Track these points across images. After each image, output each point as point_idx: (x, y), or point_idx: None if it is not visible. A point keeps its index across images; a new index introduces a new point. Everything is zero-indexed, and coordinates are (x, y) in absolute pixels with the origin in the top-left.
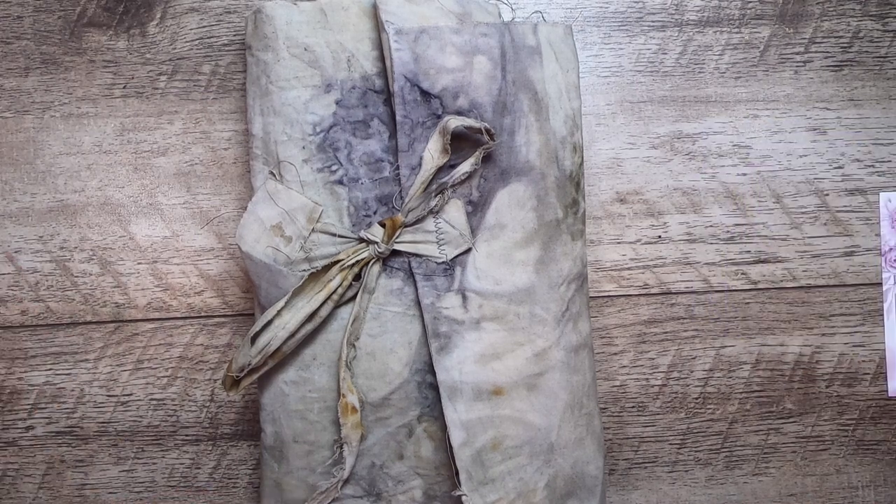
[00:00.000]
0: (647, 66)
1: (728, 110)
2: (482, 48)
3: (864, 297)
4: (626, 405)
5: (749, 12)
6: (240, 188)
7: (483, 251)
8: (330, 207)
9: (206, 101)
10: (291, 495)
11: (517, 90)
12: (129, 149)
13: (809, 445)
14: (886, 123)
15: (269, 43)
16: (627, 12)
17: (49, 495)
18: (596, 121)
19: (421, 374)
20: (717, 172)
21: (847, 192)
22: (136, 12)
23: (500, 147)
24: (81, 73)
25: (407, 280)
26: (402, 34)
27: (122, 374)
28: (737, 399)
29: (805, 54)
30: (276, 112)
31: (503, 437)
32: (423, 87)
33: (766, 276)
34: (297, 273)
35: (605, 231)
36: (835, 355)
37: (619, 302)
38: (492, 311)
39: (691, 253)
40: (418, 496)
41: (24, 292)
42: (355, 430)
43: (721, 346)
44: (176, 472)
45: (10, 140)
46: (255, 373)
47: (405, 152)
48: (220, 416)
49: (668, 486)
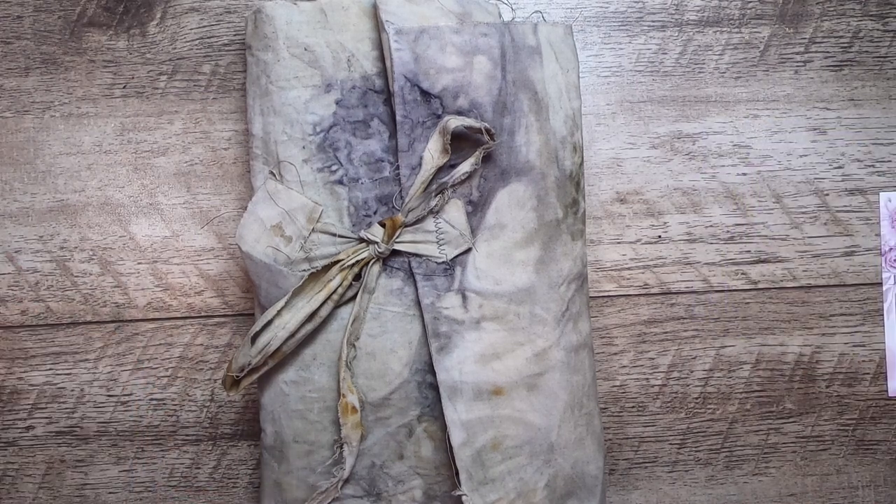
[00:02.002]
0: (647, 66)
1: (728, 110)
2: (482, 48)
3: (864, 297)
4: (626, 405)
5: (749, 12)
6: (240, 188)
7: (483, 251)
8: (330, 207)
9: (206, 101)
10: (291, 495)
11: (517, 90)
12: (129, 149)
13: (809, 445)
14: (886, 123)
15: (269, 43)
16: (627, 12)
17: (49, 495)
18: (596, 121)
19: (421, 374)
20: (717, 172)
21: (847, 192)
22: (136, 12)
23: (500, 147)
24: (81, 73)
25: (407, 280)
26: (402, 34)
27: (122, 374)
28: (737, 399)
29: (805, 54)
30: (276, 112)
31: (503, 437)
32: (423, 87)
33: (766, 276)
34: (297, 273)
35: (605, 231)
36: (835, 355)
37: (619, 302)
38: (492, 311)
39: (691, 253)
40: (418, 496)
41: (24, 292)
42: (355, 430)
43: (721, 346)
44: (176, 472)
45: (10, 140)
46: (255, 373)
47: (405, 152)
48: (220, 416)
49: (668, 486)
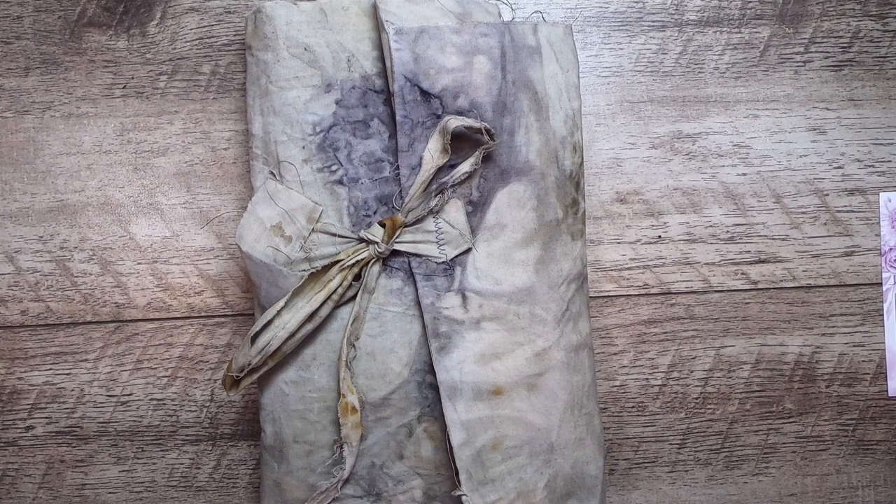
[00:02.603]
0: (647, 66)
1: (728, 110)
2: (482, 48)
3: (864, 297)
4: (626, 405)
5: (749, 12)
6: (240, 188)
7: (483, 251)
8: (330, 207)
9: (206, 101)
10: (291, 495)
11: (517, 90)
12: (129, 149)
13: (809, 445)
14: (886, 123)
15: (269, 43)
16: (627, 12)
17: (49, 495)
18: (596, 121)
19: (421, 374)
20: (717, 172)
21: (847, 192)
22: (136, 12)
23: (500, 147)
24: (81, 73)
25: (407, 280)
26: (402, 34)
27: (122, 374)
28: (737, 399)
29: (805, 54)
30: (276, 112)
31: (503, 437)
32: (423, 87)
33: (766, 276)
34: (297, 273)
35: (605, 231)
36: (835, 355)
37: (619, 302)
38: (492, 311)
39: (691, 253)
40: (418, 496)
41: (24, 292)
42: (355, 430)
43: (721, 346)
44: (176, 472)
45: (10, 140)
46: (255, 373)
47: (405, 152)
48: (220, 416)
49: (668, 486)
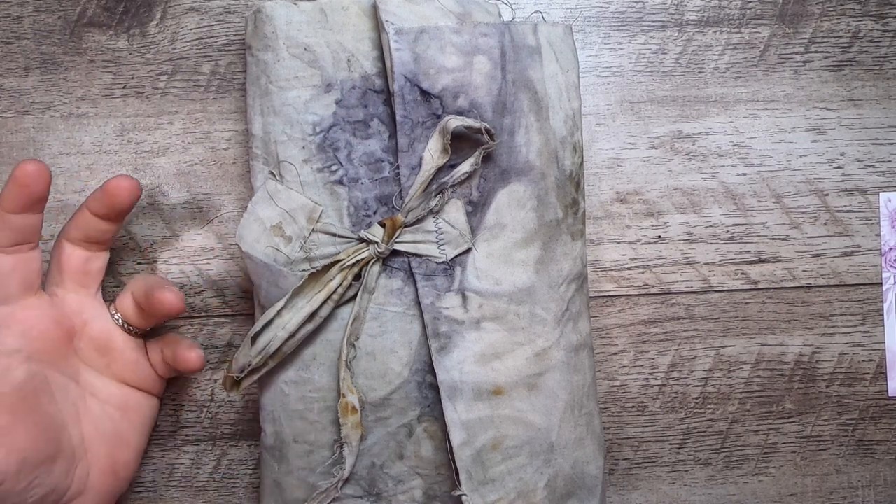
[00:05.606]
0: (647, 66)
1: (728, 110)
2: (482, 48)
3: (864, 297)
4: (626, 405)
5: (749, 12)
6: (240, 188)
7: (483, 251)
8: (330, 207)
9: (206, 101)
10: (291, 495)
11: (517, 90)
12: (129, 149)
13: (809, 445)
14: (886, 123)
15: (269, 43)
16: (627, 12)
17: None
18: (596, 121)
19: (421, 374)
20: (717, 172)
21: (847, 192)
22: (136, 12)
23: (500, 147)
24: (81, 73)
25: (407, 280)
26: (402, 34)
27: None
28: (737, 399)
29: (805, 54)
30: (276, 112)
31: (503, 437)
32: (423, 87)
33: (766, 276)
34: (297, 273)
35: (605, 231)
36: (835, 355)
37: (619, 302)
38: (492, 311)
39: (691, 253)
40: (418, 496)
41: None
42: (355, 430)
43: (721, 346)
44: (176, 472)
45: (10, 140)
46: (256, 373)
47: (405, 152)
48: (220, 416)
49: (668, 486)
